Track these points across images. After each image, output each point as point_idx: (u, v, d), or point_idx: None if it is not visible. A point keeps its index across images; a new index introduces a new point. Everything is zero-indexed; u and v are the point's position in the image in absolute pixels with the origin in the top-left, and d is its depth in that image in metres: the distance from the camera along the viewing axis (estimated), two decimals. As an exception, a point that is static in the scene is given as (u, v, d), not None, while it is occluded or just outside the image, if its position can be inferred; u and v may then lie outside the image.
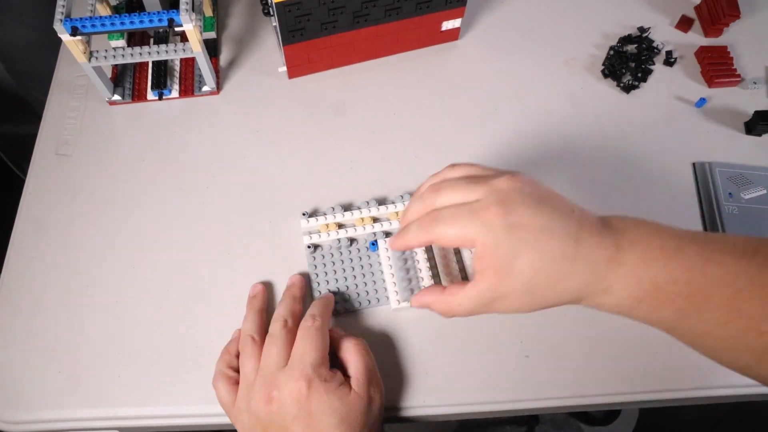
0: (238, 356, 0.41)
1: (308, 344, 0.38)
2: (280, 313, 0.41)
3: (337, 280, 0.46)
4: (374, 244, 0.47)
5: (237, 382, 0.39)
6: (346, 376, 0.39)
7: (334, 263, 0.46)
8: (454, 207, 0.35)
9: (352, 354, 0.39)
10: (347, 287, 0.45)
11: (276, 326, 0.39)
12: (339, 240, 0.47)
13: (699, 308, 0.32)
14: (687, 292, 0.32)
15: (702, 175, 0.50)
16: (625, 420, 0.75)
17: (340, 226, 0.47)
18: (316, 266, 0.46)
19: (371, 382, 0.38)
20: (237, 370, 0.40)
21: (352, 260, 0.46)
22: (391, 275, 0.45)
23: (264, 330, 0.41)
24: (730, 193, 0.48)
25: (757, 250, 0.32)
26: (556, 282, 0.33)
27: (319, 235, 0.47)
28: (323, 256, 0.47)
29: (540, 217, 0.33)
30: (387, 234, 0.47)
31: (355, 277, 0.46)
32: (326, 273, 0.46)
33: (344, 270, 0.46)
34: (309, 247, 0.47)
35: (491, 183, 0.35)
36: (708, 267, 0.32)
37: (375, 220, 0.48)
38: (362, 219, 0.47)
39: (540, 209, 0.33)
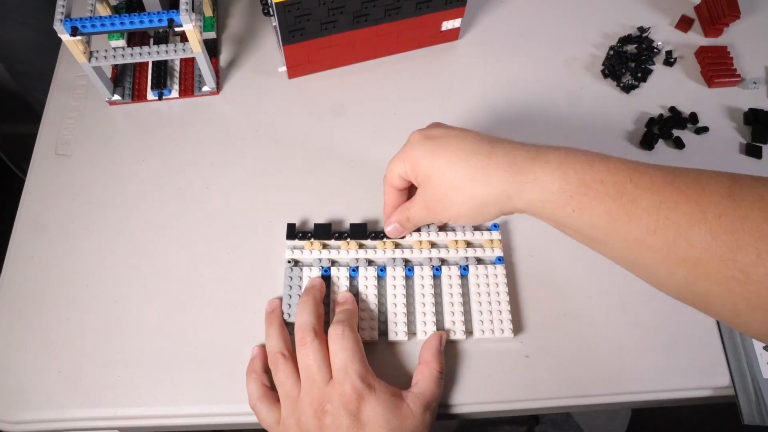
0: (266, 372, 0.41)
1: (347, 355, 0.37)
2: (306, 321, 0.40)
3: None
4: (355, 270, 0.45)
5: (276, 400, 0.39)
6: (403, 387, 0.39)
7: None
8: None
9: (426, 378, 0.39)
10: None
11: (306, 336, 0.39)
12: (320, 260, 0.45)
13: (628, 212, 0.33)
14: (615, 193, 0.33)
15: None
16: (617, 420, 0.75)
17: (325, 246, 0.46)
18: (291, 287, 0.44)
19: (428, 408, 0.38)
20: (271, 388, 0.40)
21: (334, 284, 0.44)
22: (375, 305, 0.43)
23: (289, 343, 0.41)
24: None
25: (686, 170, 0.34)
26: (475, 172, 0.37)
27: (302, 252, 0.45)
28: (300, 278, 0.44)
29: (453, 130, 0.40)
30: (370, 261, 0.45)
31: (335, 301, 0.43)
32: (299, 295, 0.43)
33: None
34: (289, 261, 0.45)
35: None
36: (634, 175, 0.34)
37: (360, 246, 0.46)
38: (347, 242, 0.46)
39: (454, 128, 0.41)
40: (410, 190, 0.45)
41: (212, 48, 0.58)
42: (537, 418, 0.73)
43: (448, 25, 0.56)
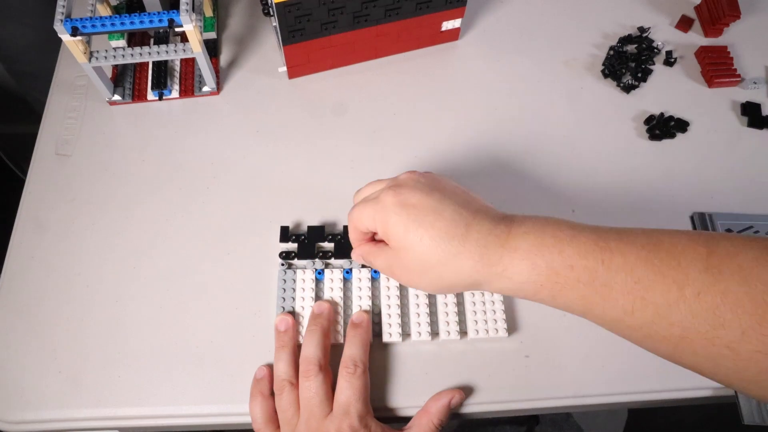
0: (271, 395, 0.41)
1: (352, 393, 0.38)
2: (312, 354, 0.40)
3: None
4: (349, 272, 0.45)
5: (278, 426, 0.40)
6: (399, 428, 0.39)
7: (304, 289, 0.44)
8: (363, 199, 0.40)
9: (423, 427, 0.39)
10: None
11: (311, 370, 0.39)
12: (314, 262, 0.45)
13: (602, 296, 0.32)
14: (587, 278, 0.32)
15: (702, 227, 0.48)
16: (617, 420, 0.75)
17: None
18: (285, 289, 0.44)
19: None
20: (274, 411, 0.40)
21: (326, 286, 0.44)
22: (369, 306, 0.43)
23: (298, 369, 0.40)
24: (728, 229, 0.48)
25: (660, 240, 0.32)
26: (447, 259, 0.35)
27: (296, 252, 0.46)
28: (294, 281, 0.44)
29: (430, 199, 0.36)
30: (364, 265, 0.45)
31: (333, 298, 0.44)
32: (293, 294, 0.44)
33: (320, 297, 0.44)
34: (283, 264, 0.45)
35: (393, 178, 0.40)
36: (605, 255, 0.32)
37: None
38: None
39: (431, 194, 0.37)
40: None
41: (212, 48, 0.58)
42: (537, 418, 0.73)
43: (448, 25, 0.56)
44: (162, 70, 0.55)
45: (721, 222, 0.48)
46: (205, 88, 0.55)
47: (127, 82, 0.55)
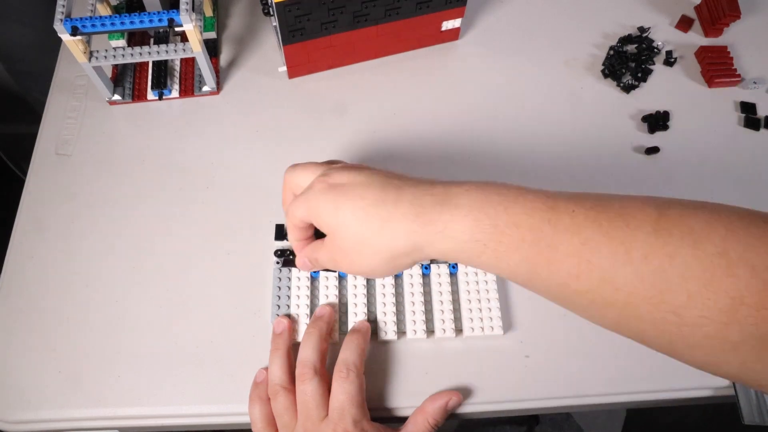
0: (269, 400, 0.40)
1: (346, 398, 0.38)
2: (308, 357, 0.39)
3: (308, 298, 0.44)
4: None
5: (277, 429, 0.40)
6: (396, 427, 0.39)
7: (299, 287, 0.44)
8: (300, 194, 0.39)
9: (419, 426, 0.39)
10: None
11: (307, 373, 0.39)
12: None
13: (547, 258, 0.30)
14: (531, 238, 0.30)
15: None
16: (617, 420, 0.75)
17: None
18: (280, 287, 0.44)
19: None
20: (273, 414, 0.40)
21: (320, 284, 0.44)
22: (365, 304, 0.43)
23: (292, 373, 0.40)
24: None
25: (610, 202, 0.31)
26: (381, 226, 0.33)
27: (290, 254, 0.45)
28: (289, 279, 0.44)
29: (358, 176, 0.35)
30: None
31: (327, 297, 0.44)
32: (288, 293, 0.44)
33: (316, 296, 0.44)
34: (278, 262, 0.45)
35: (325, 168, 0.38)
36: (552, 214, 0.30)
37: None
38: None
39: (360, 172, 0.36)
40: None
41: (212, 48, 0.58)
42: (537, 418, 0.73)
43: (448, 25, 0.56)
44: (162, 69, 0.55)
45: None
46: (205, 88, 0.55)
47: (127, 81, 0.55)
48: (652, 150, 0.52)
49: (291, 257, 0.45)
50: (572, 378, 0.42)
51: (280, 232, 0.47)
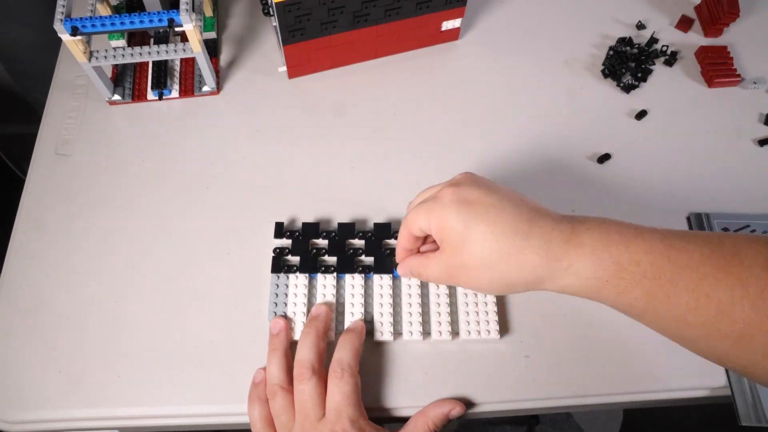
0: (267, 400, 0.40)
1: (342, 399, 0.38)
2: (306, 357, 0.39)
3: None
4: (342, 275, 0.45)
5: (274, 429, 0.40)
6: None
7: (297, 285, 0.44)
8: (421, 200, 0.40)
9: (419, 428, 0.39)
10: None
11: (305, 373, 0.39)
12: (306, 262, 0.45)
13: (667, 292, 0.32)
14: (652, 274, 0.32)
15: (698, 226, 0.48)
16: (617, 420, 0.75)
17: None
18: (278, 285, 0.44)
19: None
20: (271, 416, 0.40)
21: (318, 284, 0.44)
22: (362, 305, 0.43)
23: (290, 373, 0.40)
24: (725, 228, 0.48)
25: (722, 241, 0.33)
26: (510, 255, 0.35)
27: (289, 254, 0.46)
28: (287, 277, 0.45)
29: (490, 197, 0.36)
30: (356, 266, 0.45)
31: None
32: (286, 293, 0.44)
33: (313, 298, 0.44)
34: (275, 256, 0.45)
35: (449, 180, 0.39)
36: (671, 252, 0.32)
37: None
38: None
39: (490, 192, 0.37)
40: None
41: (212, 48, 0.58)
42: (537, 418, 0.73)
43: (448, 25, 0.56)
44: (162, 69, 0.55)
45: (718, 221, 0.48)
46: (205, 88, 0.55)
47: (127, 81, 0.55)
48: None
49: (287, 255, 0.45)
50: (572, 378, 0.42)
51: (280, 230, 0.47)
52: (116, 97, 0.54)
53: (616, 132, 0.53)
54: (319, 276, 0.45)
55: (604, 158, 0.51)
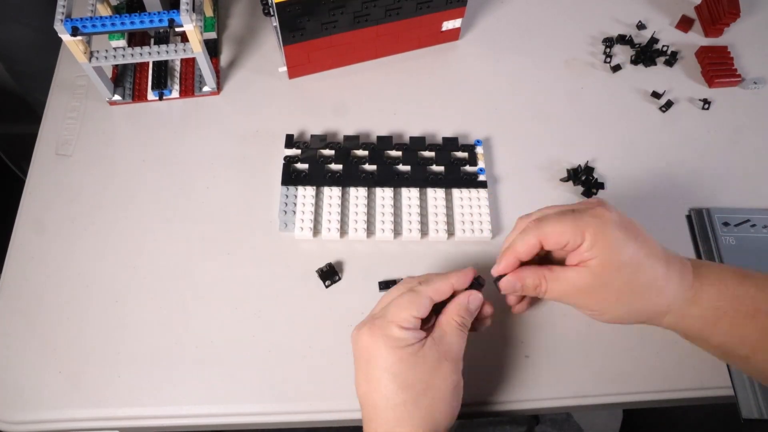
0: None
1: (395, 301, 0.36)
2: (428, 276, 0.38)
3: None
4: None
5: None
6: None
7: (304, 203, 0.48)
8: (558, 211, 0.37)
9: (443, 325, 0.36)
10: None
11: (412, 280, 0.37)
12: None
13: None
14: (766, 308, 0.34)
15: (699, 221, 0.48)
16: (617, 420, 0.75)
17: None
18: (287, 203, 0.48)
19: (445, 358, 0.35)
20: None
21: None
22: (365, 211, 0.48)
23: (427, 310, 0.36)
24: (725, 223, 0.48)
25: None
26: (656, 279, 0.35)
27: (296, 189, 0.49)
28: (296, 196, 0.48)
29: (636, 224, 0.36)
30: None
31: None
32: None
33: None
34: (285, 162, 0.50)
35: (583, 201, 0.39)
36: None
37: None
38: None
39: (632, 219, 0.37)
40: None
41: (212, 48, 0.58)
42: (537, 418, 0.73)
43: (448, 25, 0.56)
44: (162, 70, 0.55)
45: (718, 216, 0.48)
46: (206, 88, 0.55)
47: (128, 82, 0.55)
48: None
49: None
50: (572, 378, 0.42)
51: (290, 141, 0.51)
52: (116, 97, 0.54)
53: (617, 131, 0.53)
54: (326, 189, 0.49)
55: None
